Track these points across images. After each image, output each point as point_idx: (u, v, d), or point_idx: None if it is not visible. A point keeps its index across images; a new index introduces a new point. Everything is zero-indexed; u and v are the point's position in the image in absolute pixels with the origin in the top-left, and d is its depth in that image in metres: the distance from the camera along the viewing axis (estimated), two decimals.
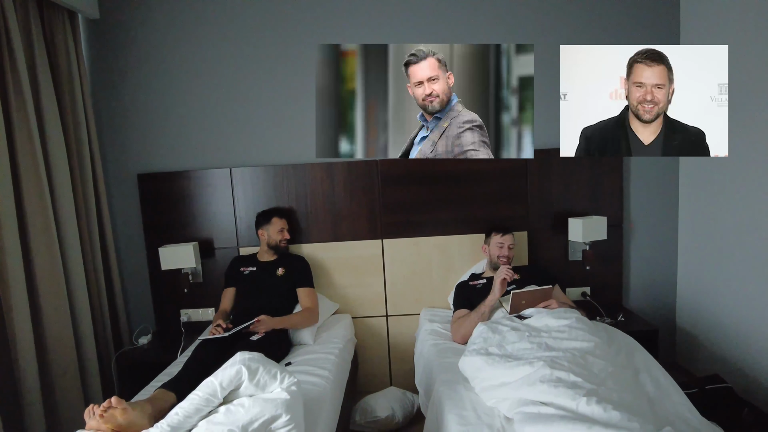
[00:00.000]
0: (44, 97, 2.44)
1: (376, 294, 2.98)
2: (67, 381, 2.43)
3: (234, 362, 1.55)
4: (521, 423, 1.50)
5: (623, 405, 1.47)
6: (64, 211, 2.52)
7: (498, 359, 1.80)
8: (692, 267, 2.89)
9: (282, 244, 2.74)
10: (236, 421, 1.43)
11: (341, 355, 2.42)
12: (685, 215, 2.92)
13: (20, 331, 2.20)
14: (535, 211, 2.92)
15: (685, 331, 2.95)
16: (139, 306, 3.09)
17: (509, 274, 2.31)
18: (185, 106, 2.93)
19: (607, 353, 1.82)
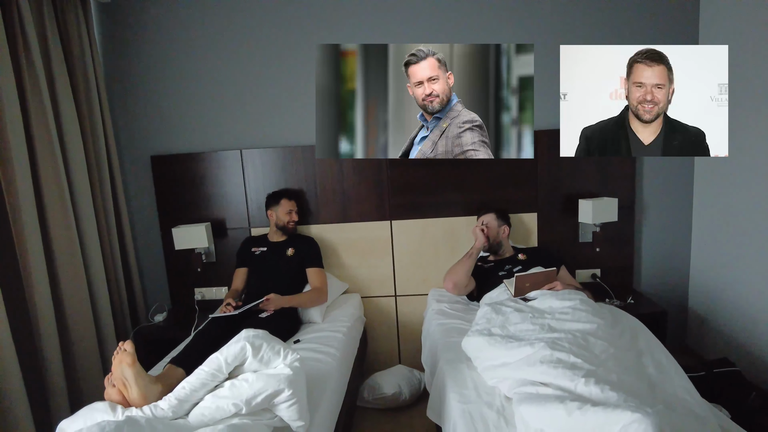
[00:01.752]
0: (58, 80, 2.49)
1: (385, 274, 3.01)
2: (87, 357, 2.53)
3: (239, 339, 1.60)
4: (519, 403, 1.51)
5: (622, 386, 1.48)
6: (80, 193, 2.59)
7: (500, 340, 1.81)
8: (706, 250, 2.84)
9: (290, 226, 2.77)
10: (240, 395, 1.48)
11: (349, 334, 2.46)
12: (700, 197, 2.87)
13: (41, 308, 2.29)
14: (545, 192, 2.89)
15: (696, 314, 2.92)
16: (154, 284, 3.18)
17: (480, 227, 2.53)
18: (197, 89, 2.96)
19: (610, 335, 1.81)
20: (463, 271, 2.46)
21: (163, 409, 1.51)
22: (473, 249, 2.52)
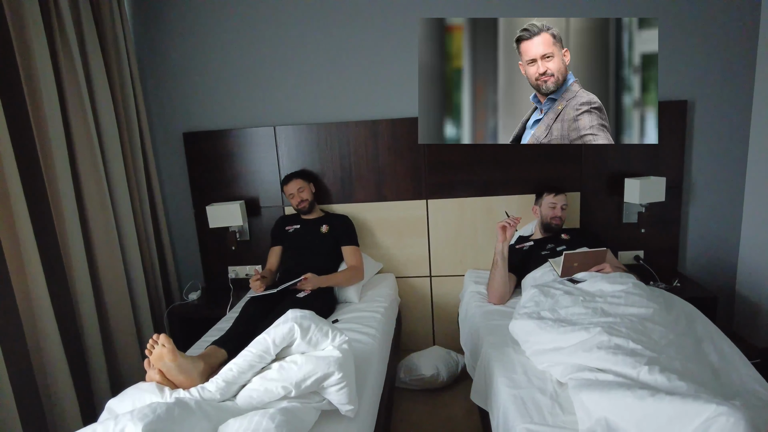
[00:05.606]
0: (91, 58, 2.45)
1: (420, 254, 2.95)
2: (124, 335, 2.55)
3: (286, 320, 1.56)
4: (577, 389, 1.45)
5: (687, 375, 1.41)
6: (114, 172, 2.57)
7: (551, 323, 1.75)
8: (758, 233, 2.70)
9: (301, 206, 2.70)
10: (289, 378, 1.44)
11: (387, 314, 2.42)
12: (754, 178, 2.72)
13: (81, 287, 2.29)
14: (589, 170, 2.77)
15: (745, 299, 2.80)
16: (188, 263, 3.18)
17: (512, 221, 2.24)
18: (229, 65, 2.89)
19: (666, 320, 1.74)
20: (501, 281, 2.30)
21: (211, 391, 1.49)
22: (495, 255, 2.31)
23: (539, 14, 2.57)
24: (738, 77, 2.65)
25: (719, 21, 2.60)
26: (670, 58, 2.64)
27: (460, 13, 2.68)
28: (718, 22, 2.60)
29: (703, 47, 2.63)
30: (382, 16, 2.75)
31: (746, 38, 2.61)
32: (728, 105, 2.68)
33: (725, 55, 2.63)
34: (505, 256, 2.28)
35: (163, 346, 1.59)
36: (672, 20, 2.61)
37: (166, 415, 1.23)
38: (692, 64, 2.65)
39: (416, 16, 2.70)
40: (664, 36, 2.59)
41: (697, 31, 2.61)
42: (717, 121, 2.70)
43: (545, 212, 2.53)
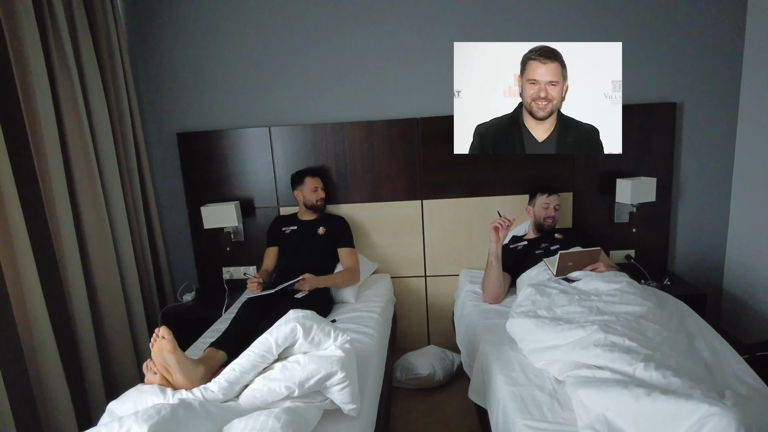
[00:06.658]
0: (85, 56, 2.42)
1: (415, 254, 2.97)
2: (118, 335, 2.52)
3: (288, 320, 1.56)
4: (575, 386, 1.48)
5: (682, 371, 1.44)
6: (108, 171, 2.54)
7: (548, 322, 1.78)
8: (744, 232, 2.77)
9: (318, 203, 2.72)
10: (293, 378, 1.45)
11: (383, 314, 2.44)
12: (740, 178, 2.78)
13: (75, 287, 2.27)
14: (582, 171, 2.82)
15: (732, 296, 2.86)
16: (182, 264, 3.16)
17: (503, 222, 2.26)
18: (223, 65, 2.88)
19: (660, 318, 1.78)
20: (495, 281, 2.33)
21: (213, 392, 1.49)
22: (489, 256, 2.34)
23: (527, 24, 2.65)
24: (725, 80, 2.71)
25: (707, 27, 2.66)
26: (660, 63, 2.70)
27: (456, 13, 2.71)
28: (706, 27, 2.66)
29: (691, 52, 2.69)
30: (376, 17, 2.76)
31: (733, 43, 2.68)
32: (716, 107, 2.74)
33: (713, 59, 2.69)
34: (498, 256, 2.31)
35: (163, 337, 1.60)
36: (662, 27, 2.67)
37: (171, 416, 1.23)
38: (681, 68, 2.71)
39: (409, 17, 2.73)
40: (655, 41, 2.67)
41: (686, 36, 2.68)
42: (705, 122, 2.76)
43: (538, 212, 2.56)
